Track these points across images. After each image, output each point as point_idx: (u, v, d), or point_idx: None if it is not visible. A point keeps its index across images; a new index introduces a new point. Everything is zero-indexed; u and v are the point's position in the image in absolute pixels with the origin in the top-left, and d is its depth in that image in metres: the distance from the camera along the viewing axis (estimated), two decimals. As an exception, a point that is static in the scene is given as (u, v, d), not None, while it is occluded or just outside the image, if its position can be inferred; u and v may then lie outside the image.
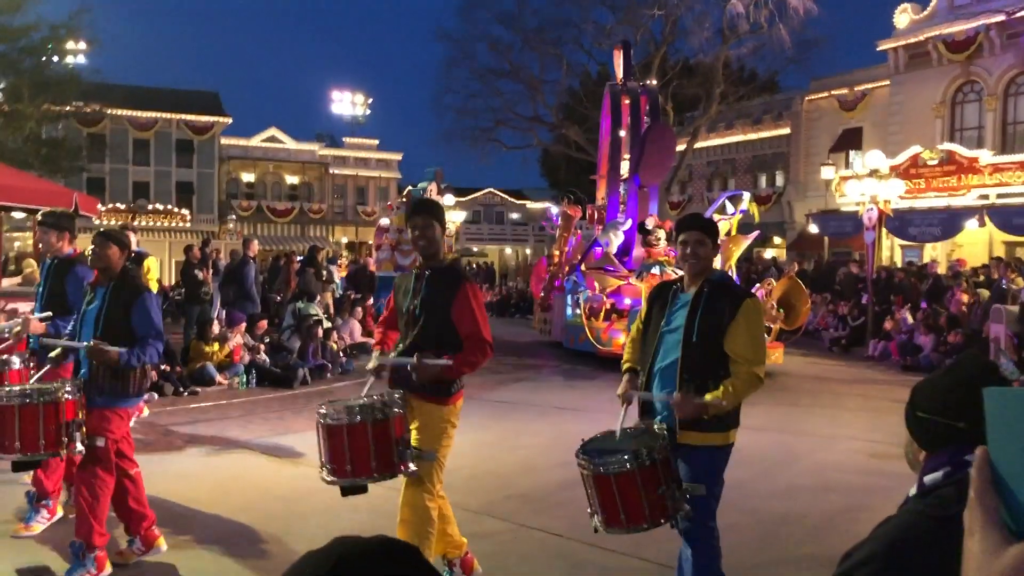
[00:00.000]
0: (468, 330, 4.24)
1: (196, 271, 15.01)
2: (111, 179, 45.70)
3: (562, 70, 34.53)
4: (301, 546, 5.42)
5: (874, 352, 17.39)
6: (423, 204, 4.58)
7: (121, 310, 4.76)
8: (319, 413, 4.12)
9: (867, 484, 7.27)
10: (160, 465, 7.45)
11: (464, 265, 4.52)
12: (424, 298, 4.35)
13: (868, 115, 31.23)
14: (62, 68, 25.19)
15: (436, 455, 4.25)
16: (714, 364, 3.75)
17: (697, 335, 3.77)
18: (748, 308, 3.78)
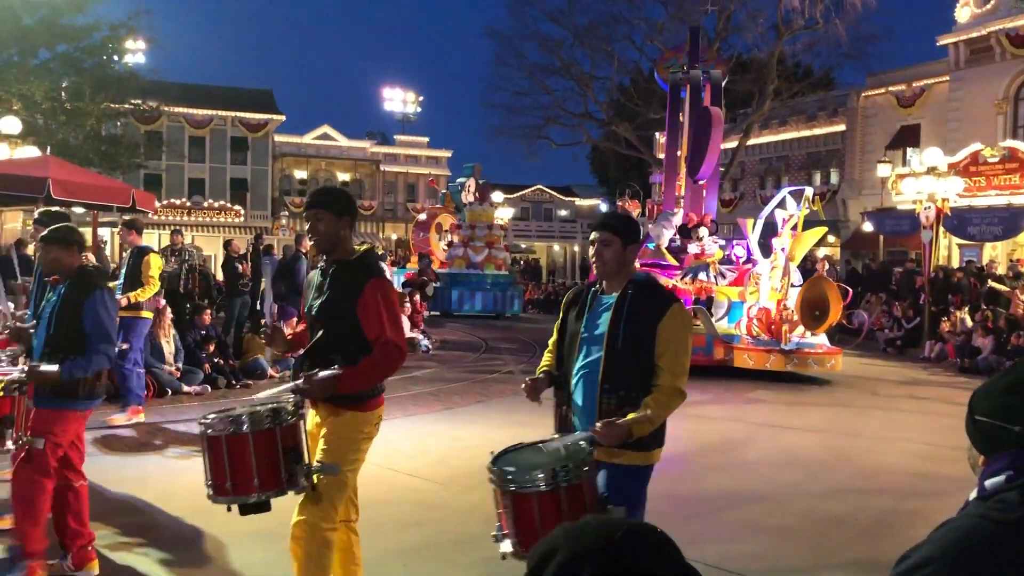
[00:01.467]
0: (374, 333, 3.70)
1: (236, 264, 15.26)
2: (167, 175, 46.61)
3: (613, 67, 34.33)
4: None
5: (930, 354, 17.03)
6: (314, 194, 3.99)
7: (73, 308, 4.55)
8: (200, 422, 3.65)
9: (921, 488, 7.11)
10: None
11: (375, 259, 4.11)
12: (326, 298, 3.85)
13: (927, 111, 30.54)
14: (121, 67, 25.73)
15: (339, 469, 3.68)
16: (639, 373, 3.46)
17: (622, 342, 3.47)
18: (674, 313, 3.48)
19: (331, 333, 3.78)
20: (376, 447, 7.92)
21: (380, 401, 3.93)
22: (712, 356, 13.27)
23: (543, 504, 3.02)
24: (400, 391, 11.46)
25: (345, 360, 3.68)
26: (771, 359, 12.95)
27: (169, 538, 5.41)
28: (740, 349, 13.27)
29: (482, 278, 25.29)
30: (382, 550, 5.24)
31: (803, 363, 13.00)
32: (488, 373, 13.44)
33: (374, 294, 3.73)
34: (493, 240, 26.51)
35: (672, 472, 7.74)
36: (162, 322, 11.02)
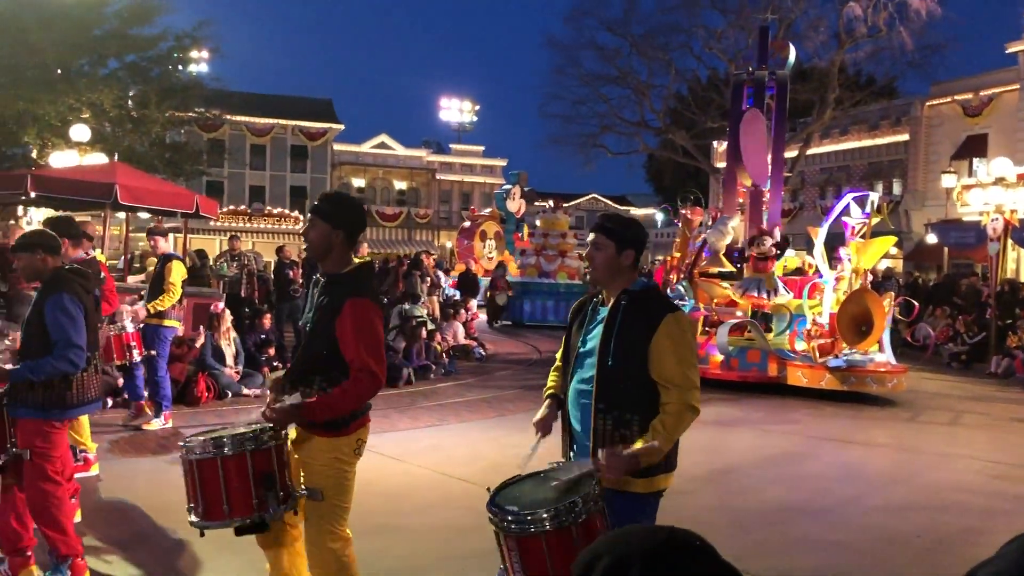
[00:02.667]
0: (349, 356, 3.49)
1: (287, 270, 15.51)
2: (229, 183, 47.52)
3: (670, 75, 34.13)
4: (402, 540, 5.51)
5: (997, 369, 16.55)
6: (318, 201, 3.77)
7: (37, 312, 4.49)
8: (181, 445, 3.59)
9: (987, 506, 6.91)
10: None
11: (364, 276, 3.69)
12: (312, 314, 3.68)
13: (994, 121, 29.78)
14: (186, 76, 26.32)
15: (321, 496, 3.55)
16: (635, 392, 3.17)
17: (613, 358, 3.19)
18: (670, 323, 3.17)
19: (312, 352, 3.62)
20: (430, 452, 8.03)
21: (360, 424, 3.72)
22: (766, 373, 12.67)
23: (551, 544, 2.75)
24: (454, 397, 11.51)
25: (325, 381, 3.53)
26: (826, 377, 12.17)
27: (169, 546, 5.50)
28: (794, 366, 12.52)
29: (555, 287, 24.61)
30: (436, 555, 5.27)
31: (861, 382, 12.15)
32: (541, 381, 13.41)
33: (350, 315, 3.50)
34: (566, 248, 25.80)
35: (729, 484, 7.64)
36: (221, 326, 11.24)
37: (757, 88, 15.52)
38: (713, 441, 9.45)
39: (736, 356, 12.84)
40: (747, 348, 12.79)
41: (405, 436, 8.91)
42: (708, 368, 13.06)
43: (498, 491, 2.99)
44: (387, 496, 6.54)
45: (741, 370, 12.83)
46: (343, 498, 3.64)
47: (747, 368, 12.80)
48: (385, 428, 9.27)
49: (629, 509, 3.13)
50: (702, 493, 7.18)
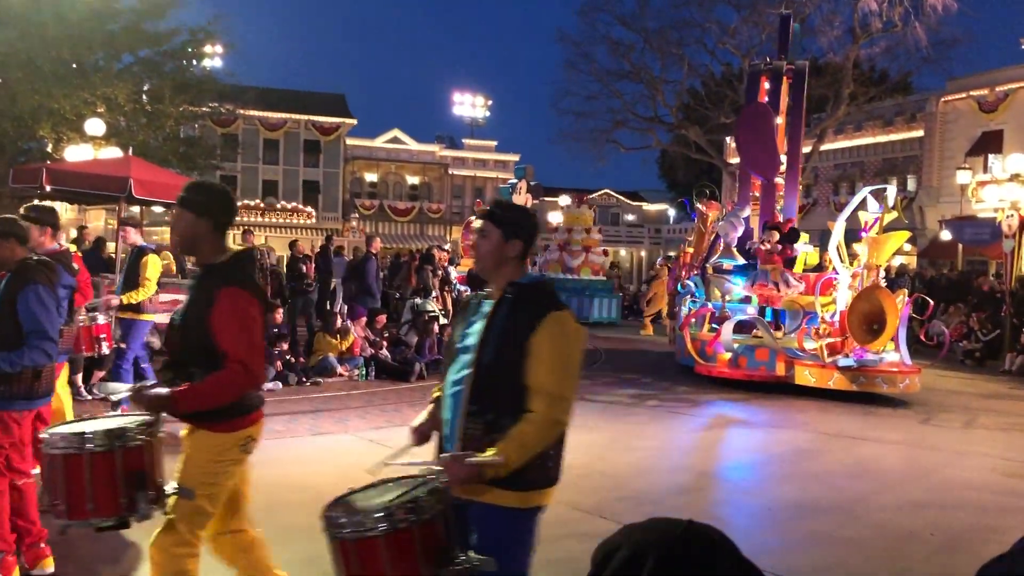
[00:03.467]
0: (223, 348, 3.31)
1: (300, 264, 15.57)
2: (242, 177, 47.64)
3: (684, 70, 34.02)
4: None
5: (1011, 366, 16.46)
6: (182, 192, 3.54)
7: (8, 302, 4.45)
8: (41, 437, 3.32)
9: (1000, 503, 6.89)
10: (283, 451, 7.72)
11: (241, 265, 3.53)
12: (185, 305, 3.53)
13: (1010, 116, 29.57)
14: (200, 71, 26.37)
15: (193, 495, 3.34)
16: (510, 395, 2.84)
17: (489, 356, 2.89)
18: (552, 324, 2.84)
19: (189, 344, 3.45)
20: (442, 447, 8.03)
21: (250, 420, 3.50)
22: (774, 372, 12.43)
23: (387, 548, 2.49)
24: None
25: (205, 374, 3.34)
26: (835, 377, 11.88)
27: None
28: (802, 365, 12.26)
29: (578, 284, 24.13)
30: (448, 549, 5.28)
31: (871, 382, 11.83)
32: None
33: (225, 305, 3.35)
34: (590, 244, 25.26)
35: (739, 481, 7.64)
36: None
37: (774, 79, 15.16)
38: (723, 438, 9.45)
39: (744, 354, 12.70)
40: (756, 346, 12.64)
41: (417, 430, 8.94)
42: (715, 367, 12.97)
43: (341, 498, 2.71)
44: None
45: (749, 368, 12.66)
46: (211, 502, 3.44)
47: (755, 367, 12.62)
48: (396, 422, 9.30)
49: (492, 523, 2.85)
50: (714, 489, 7.19)
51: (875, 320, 11.67)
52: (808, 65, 15.30)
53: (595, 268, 24.98)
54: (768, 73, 15.22)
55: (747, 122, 14.59)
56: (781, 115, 14.98)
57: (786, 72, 15.04)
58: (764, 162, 14.36)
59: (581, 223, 25.70)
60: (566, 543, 5.43)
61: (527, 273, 3.06)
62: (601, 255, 25.54)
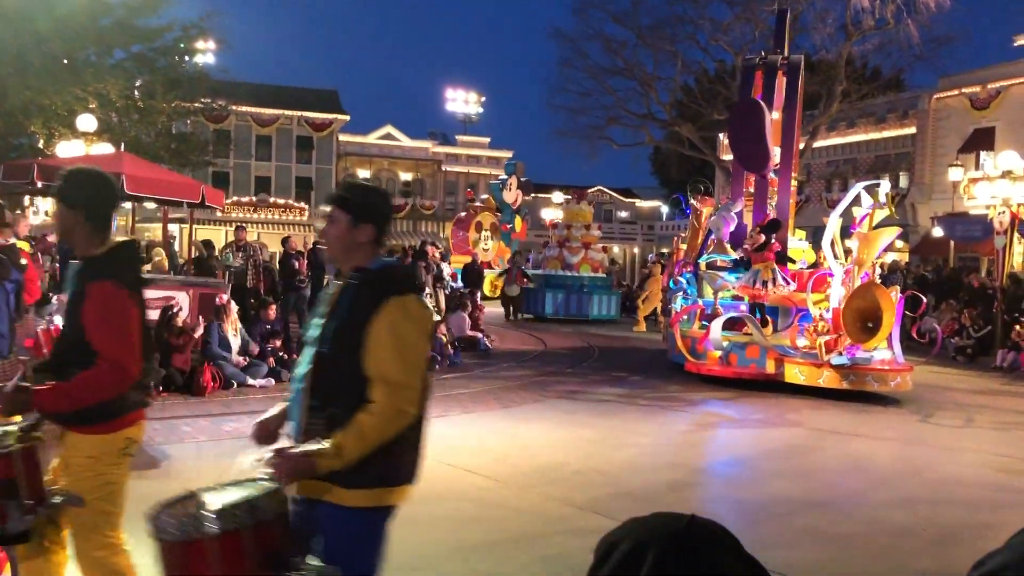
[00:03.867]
0: (96, 345, 3.14)
1: (293, 260, 15.54)
2: (235, 173, 47.54)
3: (677, 67, 34.03)
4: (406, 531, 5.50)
5: (1002, 362, 16.53)
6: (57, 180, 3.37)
7: None
8: None
9: (993, 499, 6.91)
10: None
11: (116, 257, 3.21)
12: (68, 300, 3.37)
13: (1002, 114, 29.66)
14: (192, 67, 26.29)
15: (83, 501, 3.14)
16: (352, 387, 2.63)
17: (329, 346, 2.70)
18: (394, 308, 2.65)
19: (65, 341, 3.32)
20: (434, 443, 7.99)
21: (128, 422, 3.31)
22: (764, 369, 12.23)
23: (216, 551, 2.29)
24: (460, 389, 11.53)
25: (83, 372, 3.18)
26: (825, 375, 11.69)
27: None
28: (792, 362, 12.04)
29: (578, 280, 24.03)
30: (444, 545, 5.28)
31: (861, 380, 11.64)
32: (547, 374, 13.43)
33: (95, 300, 3.17)
34: (590, 240, 25.06)
35: (734, 477, 7.65)
36: (227, 316, 11.26)
37: (768, 73, 14.82)
38: (715, 435, 9.46)
39: (734, 352, 12.55)
40: (747, 344, 12.46)
41: (411, 427, 8.93)
42: (705, 364, 12.79)
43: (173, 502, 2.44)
44: (393, 486, 6.54)
45: (739, 366, 12.51)
46: (109, 503, 3.25)
47: (745, 364, 12.48)
48: (391, 419, 9.29)
49: (337, 524, 2.63)
50: (707, 486, 7.20)
51: (870, 317, 11.43)
52: (803, 60, 14.99)
53: (594, 265, 24.84)
54: (763, 68, 14.94)
55: (739, 117, 14.33)
56: (776, 110, 14.67)
57: (781, 66, 14.78)
58: (756, 158, 14.00)
59: (580, 219, 25.54)
60: (559, 539, 5.44)
61: (379, 258, 2.87)
62: (600, 252, 25.41)
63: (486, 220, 31.93)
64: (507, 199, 31.76)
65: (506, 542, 5.39)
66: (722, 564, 0.98)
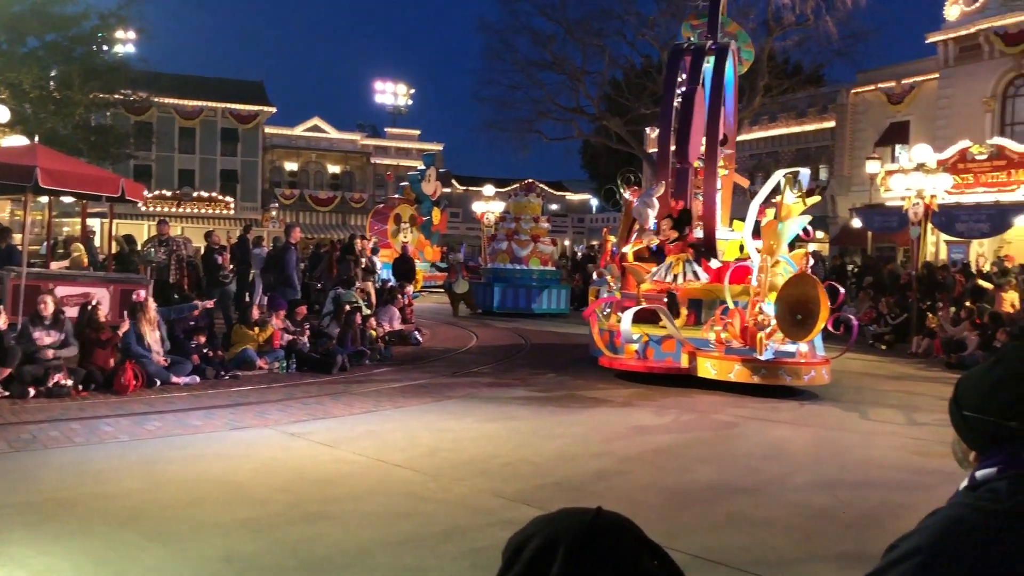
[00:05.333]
0: None
1: (216, 255, 15.26)
2: (157, 166, 46.44)
3: (604, 61, 34.35)
4: (336, 527, 5.47)
5: (918, 349, 17.12)
6: None
7: None
8: None
9: (910, 481, 7.15)
10: (202, 446, 7.56)
11: None
12: None
13: (916, 109, 30.68)
14: (111, 57, 25.59)
15: None
16: None
17: None
18: None
19: None
20: (365, 439, 8.00)
21: None
22: (679, 364, 11.88)
23: None
24: (390, 383, 11.46)
25: None
26: (735, 370, 11.34)
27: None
28: (705, 356, 11.65)
29: (527, 274, 23.71)
30: (370, 540, 5.24)
31: (773, 374, 11.26)
32: (478, 366, 13.45)
33: None
34: (539, 233, 24.69)
35: (661, 464, 7.77)
36: (146, 313, 10.98)
37: (696, 57, 14.07)
38: (643, 425, 9.59)
39: (652, 346, 12.22)
40: (663, 338, 12.12)
41: (339, 423, 8.84)
42: (621, 359, 12.46)
43: None
44: (320, 483, 6.49)
45: (656, 360, 12.20)
46: None
47: (662, 358, 12.17)
48: (318, 415, 9.19)
49: None
50: (635, 473, 7.29)
51: (799, 310, 10.92)
52: (730, 45, 14.46)
53: (544, 258, 24.49)
54: (691, 52, 14.30)
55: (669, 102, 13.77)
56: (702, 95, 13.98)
57: (710, 50, 14.21)
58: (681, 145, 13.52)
59: (529, 212, 25.02)
60: (490, 531, 5.45)
61: None
62: (550, 245, 24.97)
63: (405, 212, 31.64)
64: (426, 190, 31.51)
65: (435, 535, 5.38)
66: (631, 554, 1.00)
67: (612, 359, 12.60)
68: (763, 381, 11.28)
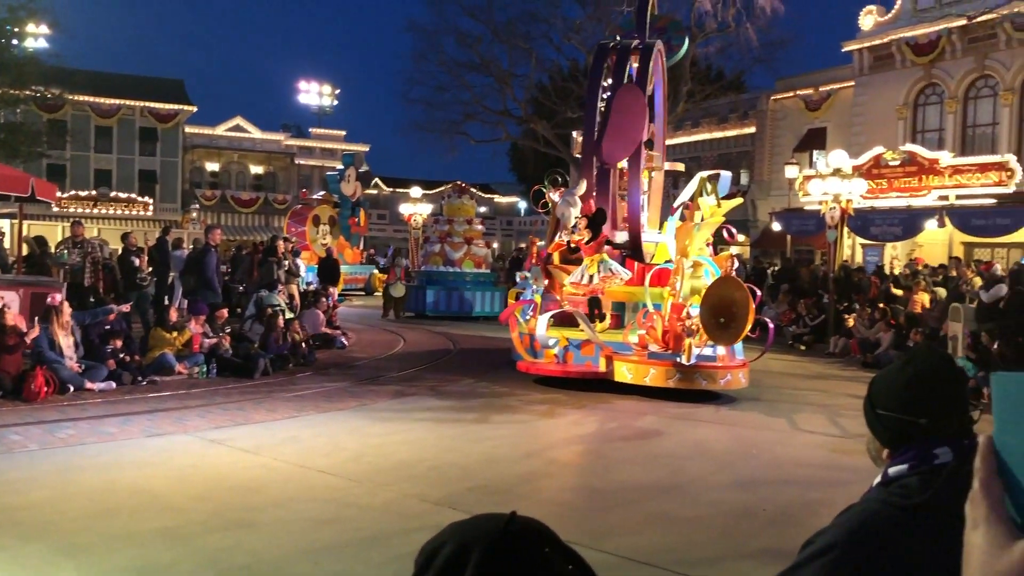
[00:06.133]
0: None
1: (133, 257, 14.87)
2: (72, 166, 44.97)
3: (531, 64, 34.52)
4: (256, 536, 5.35)
5: (835, 349, 17.60)
6: None
7: None
8: None
9: (827, 478, 7.33)
10: (117, 454, 7.32)
11: None
12: None
13: (832, 115, 31.59)
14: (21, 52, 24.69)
15: None
16: None
17: None
18: None
19: None
20: (287, 444, 7.85)
21: None
22: (597, 368, 11.61)
23: None
24: (313, 387, 11.28)
25: None
26: (651, 374, 11.08)
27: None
28: (621, 360, 11.44)
29: (460, 276, 23.36)
30: (292, 549, 5.14)
31: (689, 379, 11.04)
32: (405, 370, 13.34)
33: None
34: (473, 236, 24.36)
35: (585, 465, 7.81)
36: (60, 317, 10.60)
37: (621, 57, 13.50)
38: (567, 425, 9.64)
39: (572, 350, 11.95)
40: (583, 342, 11.84)
41: (261, 428, 8.66)
42: (540, 363, 12.11)
43: None
44: (240, 491, 6.34)
45: (575, 364, 11.91)
46: None
47: (581, 362, 11.88)
48: (239, 421, 8.99)
49: None
50: (561, 475, 7.32)
51: (723, 314, 10.66)
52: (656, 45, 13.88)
53: (478, 261, 24.16)
54: (616, 51, 13.76)
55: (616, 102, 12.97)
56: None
57: (635, 49, 13.68)
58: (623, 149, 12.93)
59: (463, 214, 24.69)
60: (416, 537, 5.38)
61: None
62: (484, 247, 24.67)
63: (324, 213, 31.13)
64: (345, 191, 31.05)
65: (359, 542, 5.31)
66: (544, 558, 0.99)
67: (532, 364, 12.24)
68: (678, 385, 11.08)
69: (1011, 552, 0.78)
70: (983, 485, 0.84)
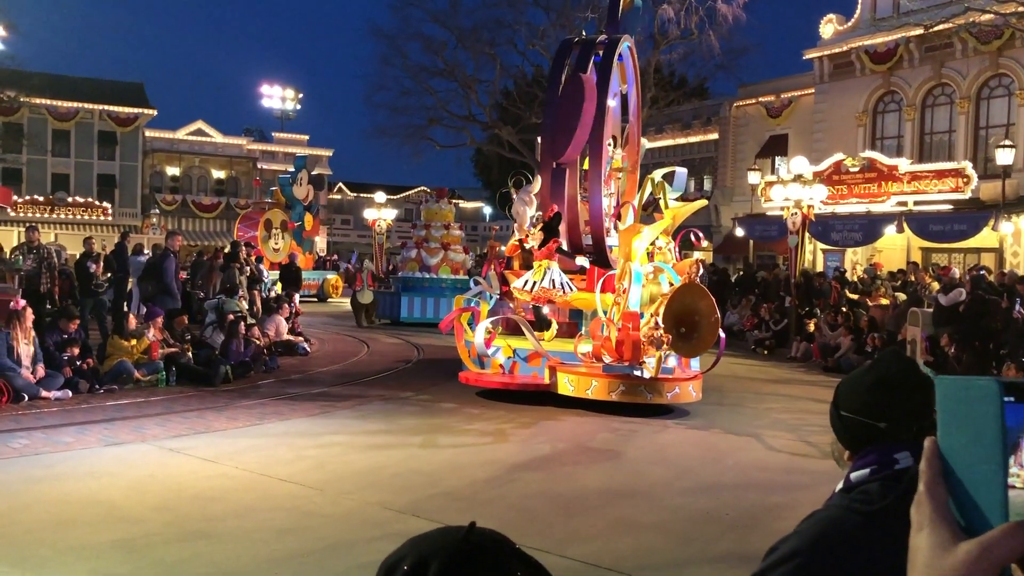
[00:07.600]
0: None
1: (89, 263, 14.64)
2: (29, 170, 44.13)
3: (496, 70, 34.57)
4: (216, 546, 5.27)
5: (797, 353, 17.78)
6: None
7: None
8: None
9: (789, 482, 7.38)
10: (73, 464, 7.17)
11: None
12: None
13: (794, 122, 31.97)
14: (-26, 53, 24.22)
15: None
16: None
17: None
18: None
19: None
20: (248, 453, 7.75)
21: None
22: (543, 380, 11.00)
23: None
24: (275, 395, 11.15)
25: None
26: (593, 386, 10.47)
27: None
28: (564, 371, 10.83)
29: (436, 282, 22.93)
30: (252, 559, 5.07)
31: (632, 391, 10.38)
32: (367, 376, 13.23)
33: None
34: (450, 241, 23.94)
35: (549, 470, 7.80)
36: (22, 324, 10.38)
37: (583, 52, 12.67)
38: (532, 432, 9.62)
39: (518, 360, 11.35)
40: (531, 352, 11.27)
41: (222, 437, 8.54)
42: (484, 374, 11.49)
43: None
44: (200, 500, 6.24)
45: (523, 376, 11.29)
46: None
47: (528, 373, 11.29)
48: (199, 429, 8.86)
49: None
50: (525, 481, 7.29)
51: (683, 323, 10.00)
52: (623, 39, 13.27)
53: (454, 267, 23.78)
54: (580, 46, 12.96)
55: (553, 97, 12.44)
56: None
57: (599, 44, 12.93)
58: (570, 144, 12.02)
59: (440, 219, 24.23)
60: (379, 545, 5.34)
61: None
62: (461, 253, 24.29)
63: (276, 217, 30.77)
64: (297, 195, 30.74)
65: (321, 551, 5.24)
66: (505, 569, 0.97)
67: (478, 375, 11.55)
68: (621, 398, 10.41)
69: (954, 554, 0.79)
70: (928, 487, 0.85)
